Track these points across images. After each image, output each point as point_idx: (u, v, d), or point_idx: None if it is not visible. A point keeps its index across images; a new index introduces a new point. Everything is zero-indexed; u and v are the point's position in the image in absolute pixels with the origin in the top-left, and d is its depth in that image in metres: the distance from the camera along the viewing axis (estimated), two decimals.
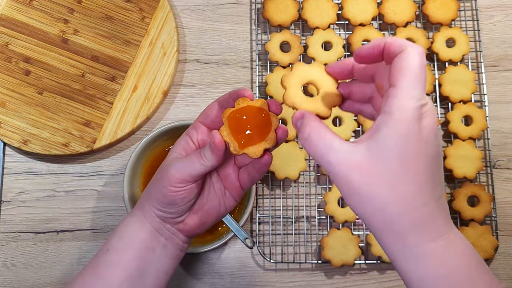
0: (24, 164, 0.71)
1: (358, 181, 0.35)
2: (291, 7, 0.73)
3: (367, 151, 0.35)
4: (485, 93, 0.73)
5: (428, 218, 0.35)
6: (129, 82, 0.71)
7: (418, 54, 0.35)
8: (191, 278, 0.68)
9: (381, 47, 0.37)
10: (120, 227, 0.49)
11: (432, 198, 0.35)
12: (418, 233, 0.35)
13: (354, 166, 0.35)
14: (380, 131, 0.35)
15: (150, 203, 0.47)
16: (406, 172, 0.35)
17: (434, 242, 0.35)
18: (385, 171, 0.35)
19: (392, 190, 0.35)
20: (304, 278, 0.68)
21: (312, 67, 0.42)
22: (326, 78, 0.42)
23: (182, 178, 0.45)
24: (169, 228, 0.48)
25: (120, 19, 0.74)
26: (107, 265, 0.47)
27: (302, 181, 0.71)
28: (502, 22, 0.76)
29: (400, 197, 0.35)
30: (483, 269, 0.37)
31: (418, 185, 0.35)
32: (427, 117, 0.35)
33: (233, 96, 0.45)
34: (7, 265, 0.68)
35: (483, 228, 0.67)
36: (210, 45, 0.76)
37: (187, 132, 0.48)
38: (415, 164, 0.35)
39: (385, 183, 0.35)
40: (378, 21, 0.75)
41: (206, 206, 0.48)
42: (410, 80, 0.35)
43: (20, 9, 0.73)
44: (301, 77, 0.42)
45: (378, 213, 0.36)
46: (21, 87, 0.71)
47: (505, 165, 0.72)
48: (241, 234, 0.63)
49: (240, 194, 0.49)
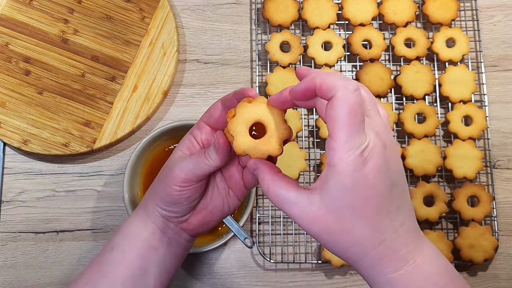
0: (24, 164, 0.71)
1: (318, 231, 0.38)
2: (291, 7, 0.73)
3: (321, 202, 0.37)
4: (485, 93, 0.73)
5: (388, 252, 0.37)
6: (129, 82, 0.71)
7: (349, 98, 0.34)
8: (191, 278, 0.68)
9: (312, 88, 0.36)
10: (124, 225, 0.49)
11: (392, 231, 0.37)
12: (383, 266, 0.38)
13: (311, 218, 0.37)
14: (328, 183, 0.36)
15: (154, 202, 0.48)
16: (358, 218, 0.36)
17: (399, 270, 0.38)
18: (339, 219, 0.37)
19: (348, 236, 0.37)
20: (304, 278, 0.68)
21: (255, 105, 0.42)
22: (272, 112, 0.42)
23: (187, 178, 0.45)
24: (173, 227, 0.48)
25: (120, 19, 0.74)
26: (111, 263, 0.48)
27: (302, 181, 0.71)
28: (502, 22, 0.76)
29: (357, 242, 0.37)
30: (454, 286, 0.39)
31: (372, 227, 0.37)
32: (371, 159, 0.35)
33: (237, 96, 0.45)
34: (7, 265, 0.68)
35: (483, 228, 0.67)
36: (210, 45, 0.76)
37: (191, 131, 0.48)
38: (366, 209, 0.36)
39: (341, 230, 0.37)
40: (378, 21, 0.75)
41: (210, 205, 0.48)
42: (344, 131, 0.34)
43: (20, 9, 0.73)
44: (246, 120, 0.42)
45: (344, 254, 0.39)
46: (21, 87, 0.71)
47: (505, 165, 0.72)
48: (240, 234, 0.63)
49: (244, 193, 0.49)
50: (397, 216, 0.37)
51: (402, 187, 0.38)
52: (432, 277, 0.38)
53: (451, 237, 0.69)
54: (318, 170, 0.70)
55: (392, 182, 0.37)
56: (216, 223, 0.50)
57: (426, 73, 0.71)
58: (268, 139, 0.41)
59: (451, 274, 0.40)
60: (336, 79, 0.35)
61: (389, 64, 0.74)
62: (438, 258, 0.39)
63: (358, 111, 0.35)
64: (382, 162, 0.36)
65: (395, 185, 0.37)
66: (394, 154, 0.38)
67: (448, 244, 0.66)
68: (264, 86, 0.72)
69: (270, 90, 0.70)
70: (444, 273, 0.39)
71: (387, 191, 0.36)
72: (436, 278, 0.38)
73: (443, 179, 0.70)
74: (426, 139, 0.69)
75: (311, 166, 0.71)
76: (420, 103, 0.70)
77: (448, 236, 0.69)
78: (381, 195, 0.36)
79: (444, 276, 0.39)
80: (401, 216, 0.38)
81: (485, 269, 0.68)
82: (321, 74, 0.36)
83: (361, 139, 0.35)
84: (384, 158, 0.36)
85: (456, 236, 0.67)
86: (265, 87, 0.71)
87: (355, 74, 0.72)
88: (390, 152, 0.37)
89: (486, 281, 0.68)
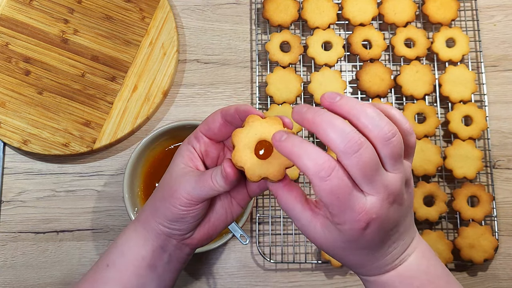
0: (24, 164, 0.71)
1: (319, 246, 0.41)
2: (291, 7, 0.73)
3: (321, 229, 0.39)
4: (485, 93, 0.73)
5: (388, 261, 0.41)
6: (129, 82, 0.71)
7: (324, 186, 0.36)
8: (191, 278, 0.68)
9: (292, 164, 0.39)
10: (120, 241, 0.47)
11: (392, 248, 0.40)
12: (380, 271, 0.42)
13: (314, 237, 0.40)
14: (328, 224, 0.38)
15: (157, 220, 0.45)
16: (355, 251, 0.40)
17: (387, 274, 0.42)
18: (338, 248, 0.40)
19: (349, 258, 0.41)
20: (304, 278, 0.68)
21: (268, 124, 0.40)
22: (273, 128, 0.40)
23: (192, 200, 0.43)
24: (174, 244, 0.46)
25: (120, 19, 0.74)
26: (106, 282, 0.46)
27: (302, 181, 0.71)
28: (502, 22, 0.76)
29: (357, 262, 0.41)
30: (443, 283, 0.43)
31: (373, 254, 0.40)
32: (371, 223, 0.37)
33: (241, 115, 0.43)
34: (7, 265, 0.68)
35: (483, 228, 0.67)
36: (210, 45, 0.76)
37: (190, 141, 0.46)
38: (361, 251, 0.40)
39: (340, 255, 0.41)
40: (378, 21, 0.75)
41: (213, 218, 0.47)
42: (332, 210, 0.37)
43: (20, 9, 0.73)
44: (254, 135, 0.40)
45: (344, 263, 0.43)
46: (21, 87, 0.71)
47: (505, 165, 0.72)
48: (236, 231, 0.62)
49: (247, 202, 0.48)
50: (398, 239, 0.40)
51: (406, 215, 0.40)
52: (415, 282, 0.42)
53: (451, 237, 0.69)
54: None
55: (394, 226, 0.39)
56: (218, 233, 0.48)
57: (426, 73, 0.71)
58: (271, 161, 0.40)
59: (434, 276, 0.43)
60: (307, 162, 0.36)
61: (389, 64, 0.74)
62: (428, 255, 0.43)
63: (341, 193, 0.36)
64: (382, 219, 0.37)
65: (398, 225, 0.40)
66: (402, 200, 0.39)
67: (448, 244, 0.66)
68: (264, 86, 0.72)
69: (270, 90, 0.70)
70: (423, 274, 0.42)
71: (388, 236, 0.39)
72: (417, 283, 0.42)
73: (443, 179, 0.70)
74: (426, 139, 0.69)
75: None
76: (420, 103, 0.70)
77: (448, 236, 0.69)
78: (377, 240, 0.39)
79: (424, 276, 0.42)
80: (403, 234, 0.41)
81: (485, 269, 0.68)
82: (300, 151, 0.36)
83: (354, 211, 0.36)
84: (387, 212, 0.37)
85: (456, 236, 0.67)
86: (265, 87, 0.71)
87: (355, 74, 0.72)
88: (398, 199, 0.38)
89: (486, 281, 0.68)
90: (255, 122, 0.41)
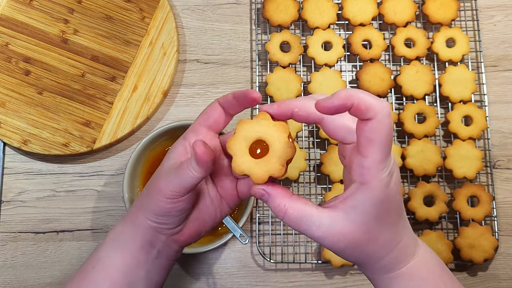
0: (24, 164, 0.71)
1: (344, 247, 0.39)
2: (291, 7, 0.73)
3: (346, 218, 0.38)
4: (485, 93, 0.73)
5: (403, 250, 0.41)
6: (129, 82, 0.71)
7: (388, 120, 0.36)
8: (190, 278, 0.68)
9: (347, 106, 0.36)
10: (109, 240, 0.47)
11: (404, 231, 0.41)
12: (396, 264, 0.41)
13: (338, 237, 0.39)
14: (357, 199, 0.38)
15: (144, 215, 0.45)
16: (383, 226, 0.39)
17: (408, 264, 0.41)
18: (367, 231, 0.39)
19: (373, 243, 0.40)
20: (304, 278, 0.68)
21: (257, 122, 0.39)
22: (275, 130, 0.39)
23: (175, 191, 0.43)
24: (163, 239, 0.46)
25: (120, 19, 0.74)
26: (94, 280, 0.46)
27: (302, 181, 0.71)
28: (502, 22, 0.76)
29: (380, 246, 0.40)
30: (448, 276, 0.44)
31: (393, 231, 0.40)
32: (394, 174, 0.38)
33: (239, 98, 0.42)
34: (7, 265, 0.68)
35: (483, 228, 0.67)
36: (210, 45, 0.76)
37: (185, 135, 0.46)
38: (389, 217, 0.39)
39: (368, 240, 0.39)
40: (378, 21, 0.75)
41: (203, 214, 0.47)
42: (380, 152, 0.36)
43: (20, 9, 0.73)
44: (246, 138, 0.39)
45: (362, 261, 0.41)
46: (21, 87, 0.71)
47: (505, 165, 0.72)
48: (235, 230, 0.62)
49: (236, 202, 0.48)
50: (405, 217, 0.42)
51: (402, 206, 0.42)
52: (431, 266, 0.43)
53: (451, 237, 0.69)
54: (318, 170, 0.70)
55: (401, 203, 0.41)
56: (207, 231, 0.48)
57: (426, 73, 0.71)
58: (270, 159, 0.39)
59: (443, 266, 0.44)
60: (374, 100, 0.35)
61: (389, 64, 0.74)
62: (430, 250, 0.44)
63: (391, 134, 0.37)
64: (398, 174, 0.39)
65: (402, 208, 0.41)
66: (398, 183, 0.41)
67: (448, 244, 0.66)
68: (264, 86, 0.72)
69: (270, 90, 0.70)
70: (438, 262, 0.44)
71: (401, 199, 0.41)
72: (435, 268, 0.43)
73: (443, 179, 0.70)
74: (426, 139, 0.69)
75: (311, 166, 0.71)
76: (420, 103, 0.70)
77: (448, 236, 0.69)
78: (399, 202, 0.40)
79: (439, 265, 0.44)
80: (406, 227, 0.42)
81: (485, 269, 0.68)
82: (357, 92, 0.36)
83: (390, 158, 0.38)
84: (397, 169, 0.39)
85: (456, 236, 0.67)
86: (265, 87, 0.71)
87: (355, 74, 0.72)
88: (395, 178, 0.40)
89: (486, 281, 0.68)
90: (262, 120, 0.40)
